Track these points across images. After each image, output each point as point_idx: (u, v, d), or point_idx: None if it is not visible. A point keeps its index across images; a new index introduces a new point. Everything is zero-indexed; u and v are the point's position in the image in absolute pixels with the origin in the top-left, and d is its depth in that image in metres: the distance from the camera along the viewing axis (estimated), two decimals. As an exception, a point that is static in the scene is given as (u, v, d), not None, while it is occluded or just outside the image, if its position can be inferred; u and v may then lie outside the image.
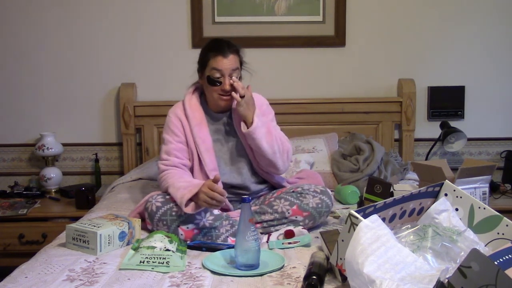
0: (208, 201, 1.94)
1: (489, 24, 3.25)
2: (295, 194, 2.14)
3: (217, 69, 2.16)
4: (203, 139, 2.23)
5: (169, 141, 2.24)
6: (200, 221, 2.02)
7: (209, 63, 2.18)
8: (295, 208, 2.10)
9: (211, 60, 2.17)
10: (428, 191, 1.69)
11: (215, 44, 2.21)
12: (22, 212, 2.85)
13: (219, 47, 2.18)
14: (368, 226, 1.39)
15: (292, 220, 2.10)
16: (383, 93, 3.29)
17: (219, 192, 1.94)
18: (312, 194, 2.13)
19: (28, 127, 3.26)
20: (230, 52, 2.18)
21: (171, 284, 1.61)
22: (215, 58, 2.16)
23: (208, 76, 2.18)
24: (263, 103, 2.34)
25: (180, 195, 2.00)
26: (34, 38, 3.22)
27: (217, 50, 2.17)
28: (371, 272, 1.31)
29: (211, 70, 2.17)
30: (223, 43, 2.20)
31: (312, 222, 2.12)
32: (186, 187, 2.02)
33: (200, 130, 2.24)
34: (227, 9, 3.20)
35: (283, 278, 1.64)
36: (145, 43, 3.23)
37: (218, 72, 2.16)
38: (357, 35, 3.25)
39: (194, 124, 2.24)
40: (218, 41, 2.23)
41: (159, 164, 2.23)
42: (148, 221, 2.07)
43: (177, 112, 2.27)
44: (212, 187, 1.94)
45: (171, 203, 2.05)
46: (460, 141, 3.13)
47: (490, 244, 1.58)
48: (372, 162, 2.79)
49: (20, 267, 1.73)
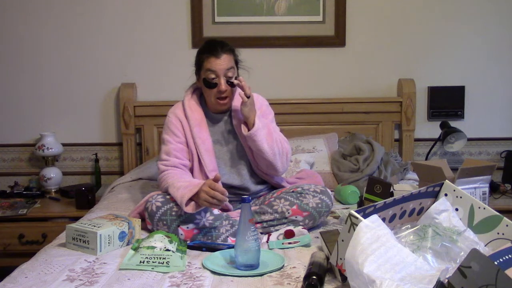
0: (209, 200, 1.94)
1: (489, 24, 3.25)
2: (295, 194, 2.14)
3: (211, 70, 2.17)
4: (203, 140, 2.24)
5: (168, 141, 2.24)
6: (200, 221, 2.02)
7: (204, 65, 2.19)
8: (295, 208, 2.10)
9: (205, 62, 2.18)
10: (428, 191, 1.69)
11: (208, 45, 2.22)
12: (22, 212, 2.85)
13: (212, 48, 2.18)
14: (368, 226, 1.39)
15: (292, 220, 2.10)
16: (383, 93, 3.29)
17: (220, 191, 1.94)
18: (312, 194, 2.13)
19: (28, 127, 3.26)
20: (223, 52, 2.18)
21: (171, 284, 1.60)
22: (209, 60, 2.17)
23: (204, 78, 2.19)
24: (263, 104, 2.34)
25: (180, 195, 2.00)
26: (34, 38, 3.22)
27: (210, 52, 2.18)
28: (371, 272, 1.31)
29: (206, 72, 2.18)
30: (216, 43, 2.20)
31: (312, 222, 2.12)
32: (186, 187, 2.02)
33: (200, 130, 2.24)
34: (227, 9, 3.20)
35: (283, 278, 1.64)
36: (145, 43, 3.23)
37: (212, 73, 2.17)
38: (357, 35, 3.25)
39: (194, 125, 2.24)
40: (211, 42, 2.24)
41: (159, 164, 2.23)
42: (148, 221, 2.07)
43: (177, 112, 2.27)
44: (213, 186, 1.94)
45: (171, 203, 2.05)
46: (460, 141, 3.13)
47: (490, 244, 1.58)
48: (372, 162, 2.79)
49: (20, 267, 1.73)
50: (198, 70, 2.24)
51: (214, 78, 2.17)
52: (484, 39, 3.26)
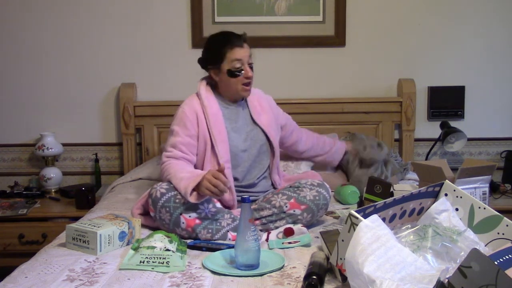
0: (211, 189, 1.95)
1: (489, 24, 3.25)
2: (292, 189, 2.17)
3: (238, 59, 2.21)
4: (219, 130, 2.24)
5: (177, 133, 2.23)
6: (202, 212, 2.04)
7: (227, 56, 2.21)
8: (292, 201, 2.12)
9: (229, 53, 2.21)
10: (428, 191, 1.69)
11: (227, 38, 2.25)
12: (22, 212, 2.85)
13: (233, 39, 2.23)
14: (368, 226, 1.39)
15: (290, 214, 2.11)
16: (383, 93, 3.29)
17: (223, 181, 1.95)
18: (309, 187, 2.16)
19: (28, 127, 3.26)
20: (245, 42, 2.26)
21: (171, 284, 1.61)
22: (233, 51, 2.21)
23: (228, 70, 2.22)
24: (271, 102, 2.47)
25: (184, 185, 2.01)
26: (34, 39, 3.21)
27: (233, 43, 2.22)
28: (371, 272, 1.31)
29: (231, 62, 2.21)
30: (233, 35, 2.26)
31: (311, 215, 2.13)
32: (189, 178, 2.04)
33: (217, 120, 2.25)
34: (227, 9, 3.20)
35: (283, 278, 1.64)
36: (145, 43, 3.23)
37: (239, 62, 2.21)
38: (357, 35, 3.25)
39: (211, 114, 2.24)
40: (227, 34, 2.28)
41: (163, 155, 2.25)
42: (151, 207, 2.07)
43: (193, 104, 2.27)
44: (216, 175, 1.96)
45: (175, 191, 2.05)
46: (460, 141, 3.12)
47: (490, 244, 1.58)
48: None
49: (20, 267, 1.73)
50: (218, 63, 2.24)
51: (240, 67, 2.21)
52: (484, 39, 3.26)
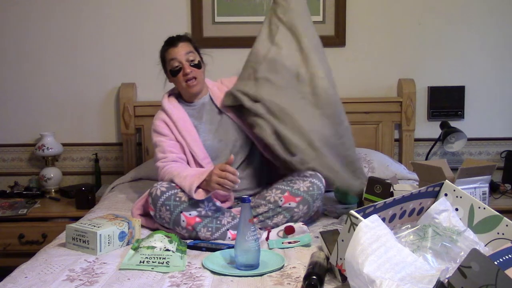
0: (221, 182, 1.96)
1: (489, 24, 3.25)
2: (285, 182, 2.17)
3: (173, 58, 2.28)
4: (189, 131, 2.30)
5: (161, 141, 2.29)
6: (202, 210, 2.04)
7: (166, 58, 2.33)
8: (286, 194, 2.12)
9: (166, 54, 2.32)
10: (428, 191, 1.69)
11: (165, 42, 2.36)
12: (22, 212, 2.85)
13: (168, 41, 2.34)
14: (368, 226, 1.39)
15: (287, 208, 2.11)
16: (383, 93, 3.29)
17: (231, 171, 1.97)
18: (302, 179, 2.15)
19: (28, 127, 3.26)
20: (179, 41, 2.32)
21: (171, 284, 1.61)
22: (168, 51, 2.31)
23: (170, 70, 2.31)
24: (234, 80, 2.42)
25: (189, 183, 2.02)
26: (34, 39, 3.22)
27: (168, 44, 2.33)
28: (371, 272, 1.31)
29: (169, 62, 2.31)
30: (172, 37, 2.35)
31: (307, 207, 2.12)
32: (194, 175, 2.05)
33: (184, 122, 2.31)
34: (227, 9, 3.20)
35: (283, 278, 1.64)
36: (145, 43, 3.23)
37: (175, 61, 2.28)
38: (357, 35, 3.25)
39: (178, 119, 2.31)
40: (167, 39, 2.36)
41: (157, 164, 2.25)
42: (151, 206, 2.07)
43: (160, 117, 2.35)
44: (223, 168, 1.97)
45: (176, 189, 2.06)
46: (460, 141, 3.12)
47: (490, 244, 1.58)
48: None
49: (20, 267, 1.73)
50: (166, 68, 2.36)
51: (177, 66, 2.28)
52: (484, 39, 3.26)
